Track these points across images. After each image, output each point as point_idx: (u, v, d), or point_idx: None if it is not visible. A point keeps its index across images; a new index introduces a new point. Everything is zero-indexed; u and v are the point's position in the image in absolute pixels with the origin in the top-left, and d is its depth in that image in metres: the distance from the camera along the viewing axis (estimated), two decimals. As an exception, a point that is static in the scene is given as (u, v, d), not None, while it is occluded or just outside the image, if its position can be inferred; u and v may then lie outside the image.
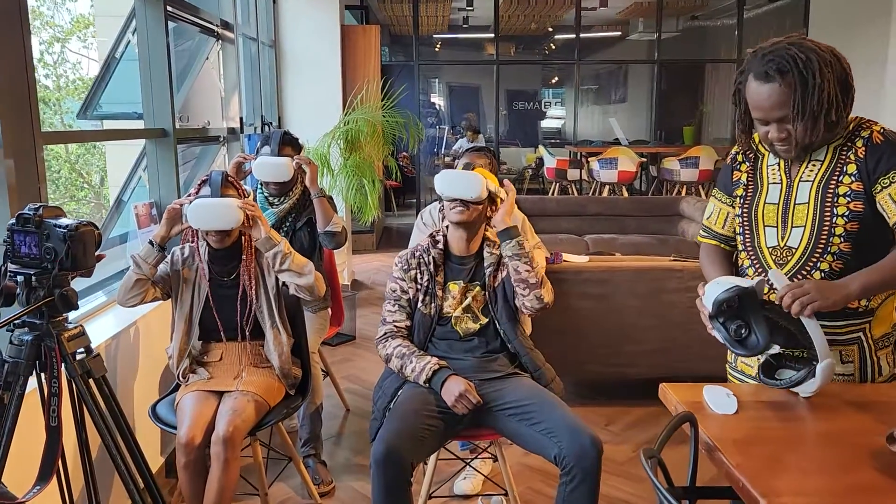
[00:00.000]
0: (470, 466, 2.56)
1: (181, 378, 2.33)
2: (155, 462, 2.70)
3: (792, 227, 1.65)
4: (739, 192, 1.77)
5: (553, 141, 12.34)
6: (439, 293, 2.27)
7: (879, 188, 1.57)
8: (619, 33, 11.46)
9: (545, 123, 13.70)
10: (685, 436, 1.42)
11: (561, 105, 13.76)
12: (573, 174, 8.97)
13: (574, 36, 10.04)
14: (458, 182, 2.22)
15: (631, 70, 12.56)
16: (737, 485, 1.22)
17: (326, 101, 5.86)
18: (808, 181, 1.65)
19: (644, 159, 8.67)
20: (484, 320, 2.28)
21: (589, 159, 8.66)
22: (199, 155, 4.55)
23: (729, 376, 1.90)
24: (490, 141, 10.99)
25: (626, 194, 8.47)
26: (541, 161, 9.94)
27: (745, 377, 1.82)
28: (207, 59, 4.45)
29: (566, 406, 2.07)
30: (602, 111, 13.28)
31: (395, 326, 2.30)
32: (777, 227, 1.68)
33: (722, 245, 1.85)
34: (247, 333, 2.37)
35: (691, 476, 1.44)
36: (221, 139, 4.54)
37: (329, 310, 3.19)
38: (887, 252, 1.64)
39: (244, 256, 2.36)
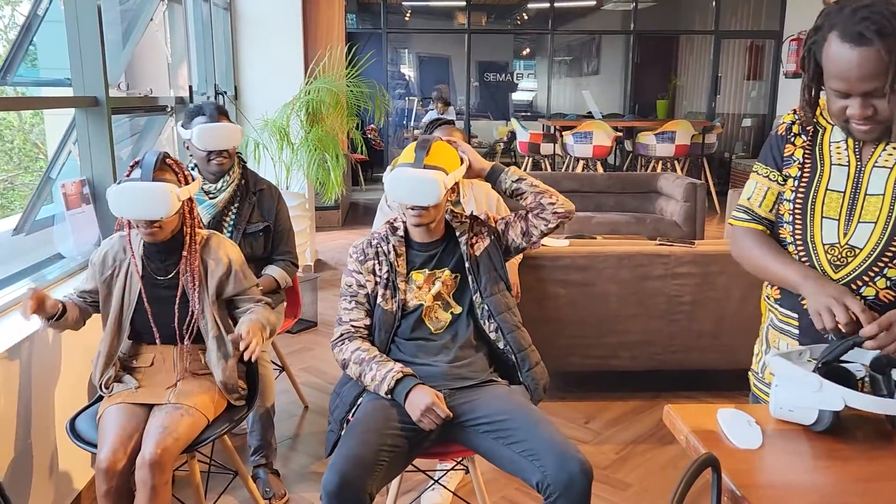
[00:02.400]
0: (438, 483, 2.29)
1: (103, 388, 2.01)
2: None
3: (858, 222, 1.37)
4: (793, 171, 1.46)
5: (525, 114, 12.01)
6: (402, 285, 1.98)
7: None
8: (594, 2, 11.12)
9: (517, 96, 13.36)
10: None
11: (533, 77, 13.42)
12: (546, 148, 8.69)
13: (548, 5, 9.71)
14: (412, 188, 1.88)
15: (604, 41, 12.26)
16: (776, 554, 0.97)
17: (287, 69, 5.46)
18: (884, 167, 1.36)
19: (619, 133, 8.42)
20: (457, 309, 1.99)
21: (563, 133, 8.38)
22: (144, 127, 4.16)
23: (753, 387, 1.62)
24: (461, 113, 10.65)
25: (600, 169, 8.23)
26: (513, 135, 9.65)
27: None
28: (152, 20, 4.05)
29: (550, 422, 1.79)
30: (575, 83, 12.97)
31: (352, 326, 2.00)
32: (839, 220, 1.39)
33: (768, 232, 1.52)
34: (185, 339, 2.04)
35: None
36: (169, 109, 4.15)
37: (284, 302, 2.88)
38: None
39: (185, 253, 2.02)
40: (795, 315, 1.46)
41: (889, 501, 1.06)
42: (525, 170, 8.83)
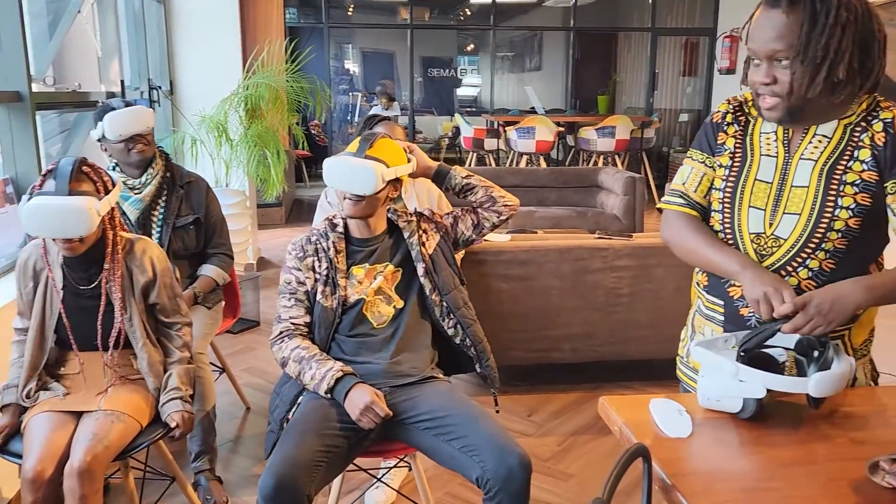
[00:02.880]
0: (380, 482, 2.27)
1: (23, 398, 1.91)
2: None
3: (784, 213, 1.39)
4: (724, 160, 1.48)
5: (470, 109, 12.05)
6: (342, 281, 1.96)
7: (895, 188, 1.33)
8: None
9: (461, 91, 13.40)
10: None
11: (477, 73, 13.47)
12: (490, 144, 8.73)
13: (490, 1, 9.74)
14: (349, 175, 1.89)
15: (546, 37, 12.39)
16: (703, 539, 0.99)
17: (224, 63, 5.33)
18: (810, 160, 1.38)
19: (561, 128, 8.52)
20: (400, 303, 1.99)
21: (506, 128, 8.44)
22: (74, 123, 4.01)
23: (679, 373, 1.65)
24: (405, 109, 10.62)
25: (543, 164, 8.31)
26: (457, 130, 9.66)
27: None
28: (80, 12, 3.91)
29: (490, 417, 1.81)
30: (518, 79, 13.08)
31: (292, 324, 1.97)
32: (766, 210, 1.41)
33: (697, 214, 1.53)
34: (109, 345, 1.96)
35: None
36: (99, 104, 4.01)
37: (223, 301, 2.82)
38: (876, 257, 1.43)
39: (107, 265, 1.93)
40: (721, 302, 1.50)
41: (810, 483, 1.09)
42: (469, 165, 8.87)
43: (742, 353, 1.30)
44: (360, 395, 1.77)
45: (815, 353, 1.29)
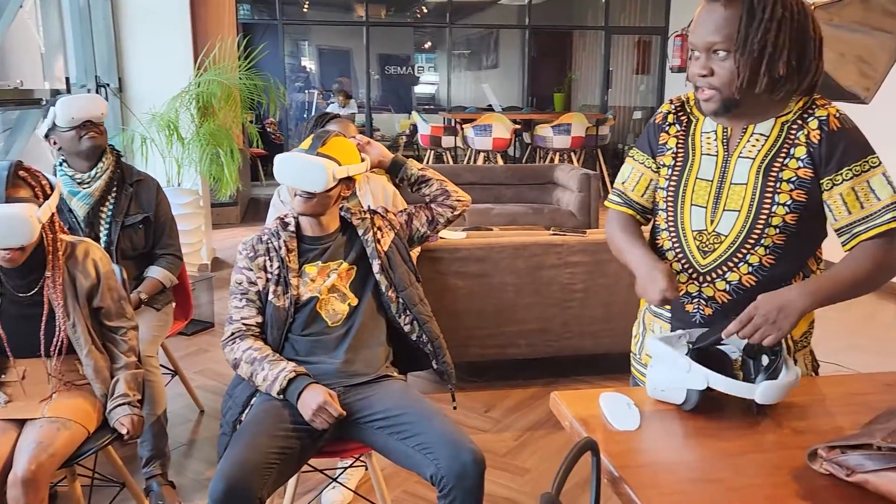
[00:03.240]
0: (336, 482, 2.26)
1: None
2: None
3: (724, 210, 1.42)
4: (667, 160, 1.51)
5: (427, 107, 12.05)
6: (294, 280, 1.94)
7: (830, 185, 1.37)
8: (491, -3, 11.27)
9: (419, 89, 13.38)
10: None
11: (434, 70, 13.47)
12: (448, 141, 8.75)
13: (446, -1, 9.75)
14: (300, 172, 1.88)
15: (502, 35, 12.45)
16: (649, 530, 1.01)
17: (175, 60, 5.22)
18: (748, 158, 1.42)
19: (518, 126, 8.58)
20: (354, 301, 1.98)
21: (463, 126, 8.46)
22: (17, 121, 3.90)
23: (633, 370, 1.68)
24: (363, 106, 10.56)
25: (500, 161, 8.36)
26: (415, 128, 9.65)
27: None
28: (21, 6, 3.79)
29: (444, 415, 1.81)
30: (475, 77, 13.12)
31: (243, 325, 1.95)
32: (707, 208, 1.44)
33: (637, 216, 1.60)
34: (54, 358, 1.90)
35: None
36: (44, 102, 3.90)
37: (173, 303, 2.77)
38: (814, 251, 1.47)
39: (48, 273, 1.86)
40: None
41: (753, 472, 1.12)
42: (427, 163, 8.87)
43: (694, 350, 1.33)
44: (313, 396, 1.76)
45: (766, 361, 1.32)
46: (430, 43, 13.64)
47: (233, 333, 1.94)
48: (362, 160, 2.04)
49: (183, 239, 2.89)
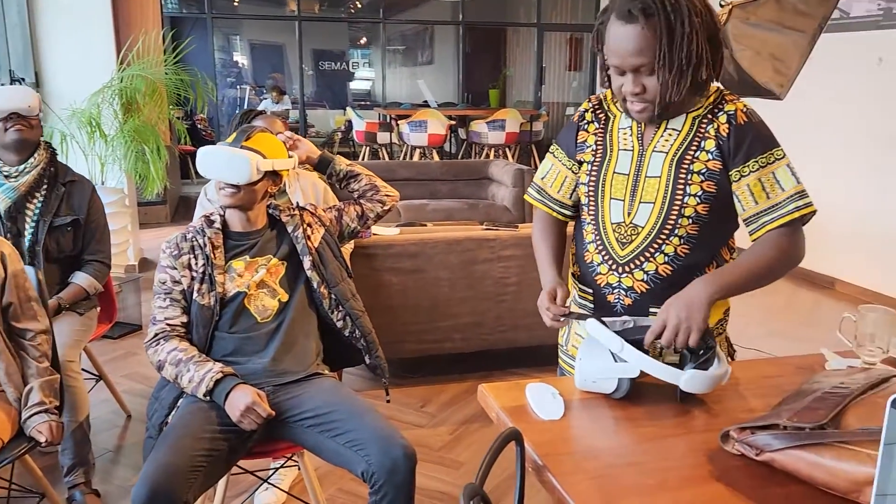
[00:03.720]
0: (268, 483, 2.23)
1: None
2: None
3: (640, 202, 1.47)
4: (586, 157, 1.56)
5: (363, 103, 11.96)
6: (219, 277, 1.91)
7: (738, 176, 1.42)
8: (425, -8, 11.28)
9: (354, 85, 13.27)
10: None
11: (369, 66, 13.39)
12: (383, 137, 8.71)
13: (380, -7, 9.71)
14: (223, 164, 1.88)
15: (437, 31, 12.47)
16: (571, 516, 1.03)
17: (96, 54, 5.03)
18: (661, 152, 1.46)
19: (453, 122, 8.62)
20: (285, 296, 1.95)
21: (399, 122, 8.44)
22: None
23: (560, 360, 1.72)
24: (296, 102, 10.41)
25: (436, 158, 8.38)
26: (350, 124, 9.58)
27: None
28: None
29: (375, 411, 1.81)
30: (410, 73, 13.11)
31: (168, 325, 1.90)
32: (624, 201, 1.48)
33: (555, 214, 1.64)
34: None
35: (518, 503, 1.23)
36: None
37: (97, 307, 2.68)
38: (727, 240, 1.53)
39: None
40: (591, 290, 1.57)
41: (671, 455, 1.16)
42: (363, 159, 8.82)
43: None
44: (240, 396, 1.73)
45: (701, 352, 1.35)
46: (365, 38, 13.55)
47: (156, 334, 1.89)
48: (289, 156, 2.03)
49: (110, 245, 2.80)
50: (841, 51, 4.78)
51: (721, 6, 2.09)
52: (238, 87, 12.46)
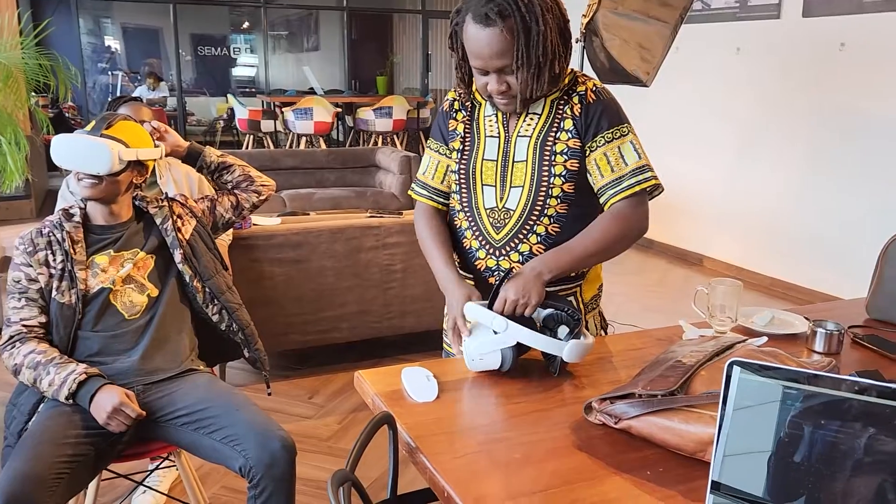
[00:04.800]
0: (144, 486, 2.13)
1: None
2: None
3: (511, 186, 1.51)
4: (456, 144, 1.59)
5: (246, 90, 11.59)
6: (81, 273, 1.80)
7: (588, 151, 1.49)
8: (308, -23, 11.02)
9: (237, 71, 12.82)
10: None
11: (252, 52, 12.97)
12: (267, 125, 8.49)
13: (259, -24, 9.41)
14: (81, 154, 1.77)
15: (322, 17, 12.24)
16: (442, 494, 1.05)
17: (-60, 35, 4.61)
18: (525, 136, 1.51)
19: (339, 109, 8.51)
20: (154, 291, 1.87)
21: (283, 110, 8.25)
22: None
23: (444, 345, 1.74)
24: (174, 89, 9.95)
25: (323, 146, 8.25)
26: (232, 112, 9.26)
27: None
28: None
29: (252, 405, 1.76)
30: (296, 59, 12.81)
31: (24, 326, 1.77)
32: (496, 186, 1.53)
33: (438, 205, 1.67)
34: None
35: (392, 487, 1.24)
36: None
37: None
38: (595, 216, 1.59)
39: None
40: (472, 276, 1.60)
41: (538, 428, 1.20)
42: (247, 148, 8.56)
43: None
44: (106, 398, 1.64)
45: (565, 331, 1.41)
46: (247, 23, 13.11)
47: (11, 337, 1.77)
48: (155, 146, 1.93)
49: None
50: (703, 41, 5.07)
51: None
52: (111, 73, 11.77)
